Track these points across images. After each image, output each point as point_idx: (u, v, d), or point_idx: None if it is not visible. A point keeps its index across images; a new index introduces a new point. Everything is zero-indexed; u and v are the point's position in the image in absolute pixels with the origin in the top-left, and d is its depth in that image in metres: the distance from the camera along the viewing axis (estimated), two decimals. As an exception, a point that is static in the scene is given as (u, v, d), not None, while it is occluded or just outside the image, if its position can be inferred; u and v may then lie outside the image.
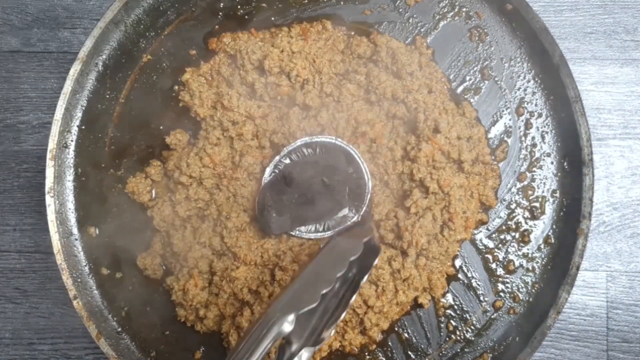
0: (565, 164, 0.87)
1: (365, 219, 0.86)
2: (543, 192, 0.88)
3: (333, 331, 0.66)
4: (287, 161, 0.86)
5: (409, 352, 0.86)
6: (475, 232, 0.88)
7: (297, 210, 0.83)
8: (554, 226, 0.87)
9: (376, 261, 0.76)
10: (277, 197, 0.82)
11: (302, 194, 0.82)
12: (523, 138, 0.88)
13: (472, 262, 0.87)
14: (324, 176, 0.83)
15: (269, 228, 0.83)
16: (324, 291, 0.63)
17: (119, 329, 0.86)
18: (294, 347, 0.62)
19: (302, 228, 0.86)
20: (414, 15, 0.91)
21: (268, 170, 0.86)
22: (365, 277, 0.74)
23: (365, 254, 0.72)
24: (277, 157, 0.86)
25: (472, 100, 0.89)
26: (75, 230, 0.86)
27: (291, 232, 0.85)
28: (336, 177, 0.83)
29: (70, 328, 0.97)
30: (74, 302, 0.82)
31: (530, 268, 0.87)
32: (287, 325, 0.59)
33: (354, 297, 0.70)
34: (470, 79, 0.90)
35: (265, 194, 0.83)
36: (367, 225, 0.85)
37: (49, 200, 0.83)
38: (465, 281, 0.87)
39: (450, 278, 0.87)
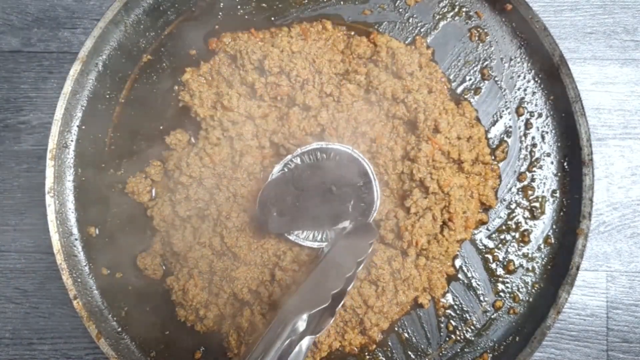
0: (565, 164, 0.87)
1: (370, 225, 0.84)
2: (543, 192, 0.88)
3: (332, 320, 0.68)
4: (298, 161, 0.85)
5: (409, 352, 0.86)
6: (475, 232, 0.87)
7: (298, 213, 0.82)
8: (554, 226, 0.87)
9: (370, 249, 0.78)
10: (280, 196, 0.81)
11: (306, 197, 0.81)
12: (523, 138, 0.88)
13: (472, 262, 0.87)
14: (332, 184, 0.81)
15: (266, 225, 0.82)
16: (334, 292, 0.65)
17: (119, 329, 0.86)
18: (294, 338, 0.64)
19: (300, 233, 0.85)
20: (414, 15, 0.91)
21: (277, 167, 0.84)
22: (361, 267, 0.76)
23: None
24: (289, 156, 0.84)
25: (472, 100, 0.89)
26: (75, 230, 0.86)
27: (288, 235, 0.84)
28: (344, 187, 0.82)
29: (70, 328, 0.97)
30: (74, 302, 0.82)
31: (530, 268, 0.87)
32: (301, 324, 0.62)
33: (350, 286, 0.72)
34: (470, 79, 0.90)
35: (269, 191, 0.82)
36: (373, 228, 0.84)
37: (49, 200, 0.83)
38: (465, 281, 0.87)
39: (450, 278, 0.87)
